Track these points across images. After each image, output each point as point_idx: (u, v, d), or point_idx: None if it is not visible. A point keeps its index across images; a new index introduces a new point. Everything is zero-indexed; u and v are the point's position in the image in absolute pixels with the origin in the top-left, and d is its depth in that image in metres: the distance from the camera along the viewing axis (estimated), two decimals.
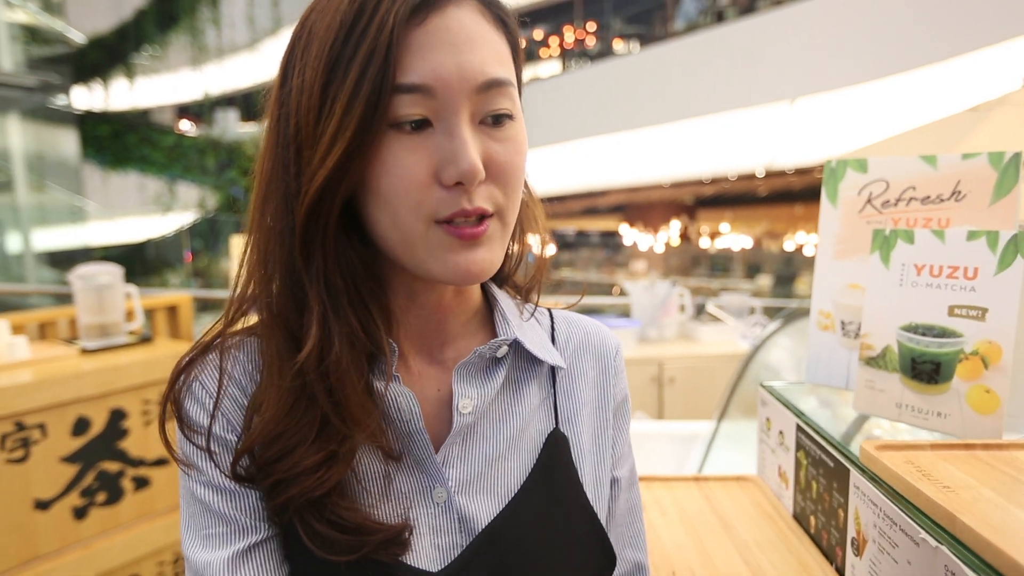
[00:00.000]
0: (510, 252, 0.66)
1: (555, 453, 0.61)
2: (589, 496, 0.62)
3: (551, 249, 0.71)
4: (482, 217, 0.52)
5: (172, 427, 0.55)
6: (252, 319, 0.58)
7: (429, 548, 0.55)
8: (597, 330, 0.71)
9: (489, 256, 0.53)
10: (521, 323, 0.64)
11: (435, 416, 0.59)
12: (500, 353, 0.60)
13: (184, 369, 0.55)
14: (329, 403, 0.51)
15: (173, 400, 0.55)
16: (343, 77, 0.47)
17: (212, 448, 0.53)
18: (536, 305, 0.68)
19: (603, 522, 0.63)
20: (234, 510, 0.53)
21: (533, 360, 0.63)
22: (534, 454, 0.61)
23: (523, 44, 0.59)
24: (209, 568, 0.52)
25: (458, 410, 0.57)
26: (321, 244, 0.51)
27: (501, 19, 0.54)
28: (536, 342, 0.63)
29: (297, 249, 0.51)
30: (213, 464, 0.53)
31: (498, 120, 0.52)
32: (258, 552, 0.53)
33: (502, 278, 0.68)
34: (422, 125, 0.50)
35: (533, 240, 0.67)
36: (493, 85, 0.51)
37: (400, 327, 0.59)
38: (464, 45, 0.50)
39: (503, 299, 0.65)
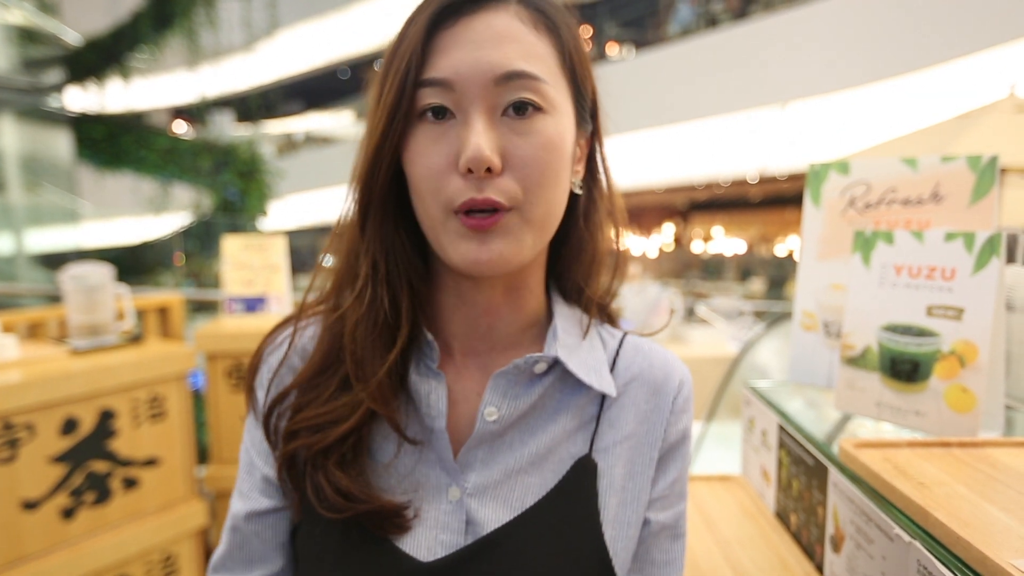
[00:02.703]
0: (583, 260, 0.64)
1: (580, 479, 0.59)
2: (608, 532, 0.59)
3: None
4: (496, 210, 0.52)
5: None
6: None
7: (432, 541, 0.56)
8: (664, 363, 0.66)
9: (502, 248, 0.53)
10: (578, 342, 0.62)
11: (469, 417, 0.60)
12: (538, 369, 0.59)
13: (262, 347, 0.65)
14: (351, 361, 0.58)
15: (249, 372, 0.64)
16: (387, 79, 0.54)
17: (259, 412, 0.62)
18: (591, 320, 0.65)
19: (622, 563, 0.60)
20: (254, 474, 0.63)
21: (580, 382, 0.61)
22: (559, 475, 0.59)
23: (579, 46, 0.59)
24: (229, 514, 0.64)
25: (482, 416, 0.58)
26: (372, 226, 0.58)
27: (545, 23, 0.55)
28: (587, 365, 0.61)
29: (357, 228, 0.59)
30: (255, 426, 0.62)
31: (521, 110, 0.52)
32: (259, 519, 0.62)
33: (571, 288, 0.66)
34: (445, 115, 0.53)
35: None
36: (513, 77, 0.52)
37: (449, 324, 0.62)
38: (487, 43, 0.52)
39: (562, 315, 0.63)
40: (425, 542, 0.56)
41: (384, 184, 0.56)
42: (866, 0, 7.01)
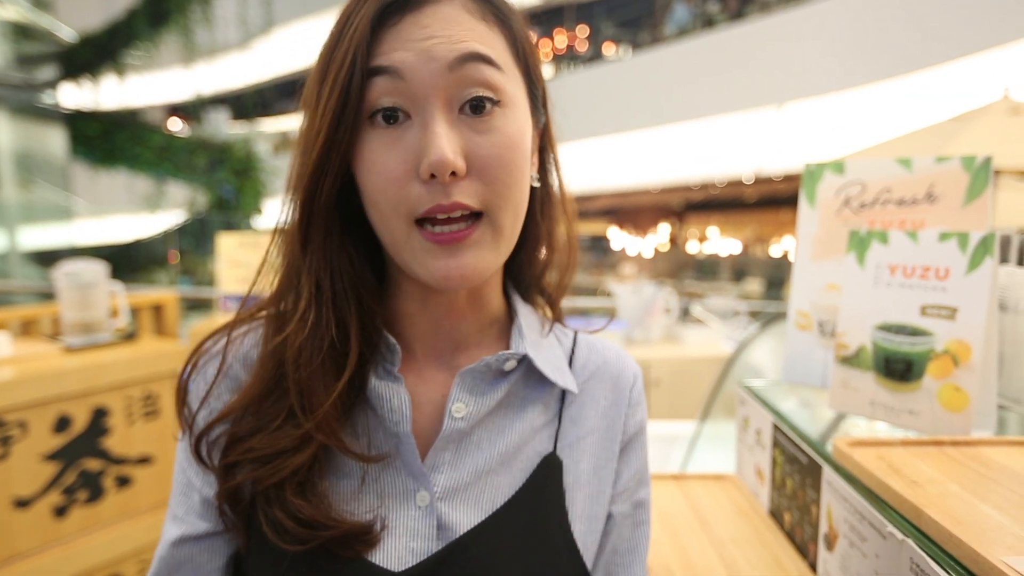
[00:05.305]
0: (535, 256, 0.65)
1: (546, 476, 0.59)
2: (577, 528, 0.59)
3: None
4: (469, 216, 0.51)
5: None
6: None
7: (403, 550, 0.54)
8: (617, 358, 0.67)
9: (474, 262, 0.52)
10: (540, 340, 0.62)
11: (435, 418, 0.59)
12: (507, 367, 0.59)
13: (194, 356, 0.59)
14: (295, 391, 0.53)
15: (180, 385, 0.58)
16: (326, 81, 0.50)
17: (195, 433, 0.56)
18: (554, 322, 0.66)
19: (590, 557, 0.60)
20: (191, 495, 0.57)
21: (543, 379, 0.61)
22: (526, 473, 0.59)
23: (528, 37, 0.57)
24: (161, 541, 0.57)
25: (450, 414, 0.56)
26: (314, 241, 0.54)
27: (494, 13, 0.53)
28: (550, 362, 0.62)
29: (298, 244, 0.54)
30: (190, 446, 0.56)
31: (478, 108, 0.50)
32: (195, 543, 0.56)
33: (528, 283, 0.66)
34: (399, 119, 0.50)
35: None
36: (468, 59, 0.49)
37: (411, 329, 0.60)
38: (436, 28, 0.49)
39: (524, 313, 0.63)
40: (395, 552, 0.54)
41: (329, 197, 0.52)
42: (862, 2, 7.03)
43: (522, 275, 0.66)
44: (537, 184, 0.61)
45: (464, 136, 0.50)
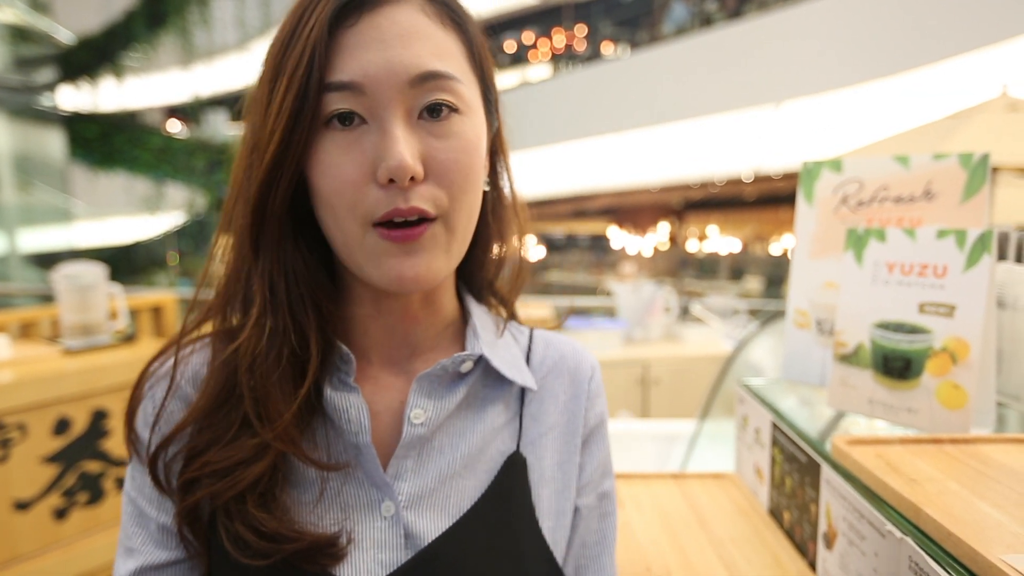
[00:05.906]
0: (491, 257, 0.65)
1: (512, 476, 0.59)
2: (545, 525, 0.59)
3: (536, 254, 0.68)
4: (422, 220, 0.50)
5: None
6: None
7: (371, 563, 0.53)
8: (574, 352, 0.67)
9: (428, 262, 0.51)
10: (495, 340, 0.62)
11: (393, 427, 0.58)
12: (464, 368, 0.58)
13: (141, 381, 0.57)
14: (251, 399, 0.51)
15: (128, 409, 0.57)
16: (280, 80, 0.49)
17: (144, 455, 0.55)
18: (507, 320, 0.66)
19: (560, 553, 0.60)
20: (147, 524, 0.55)
21: (502, 379, 0.61)
22: (491, 475, 0.58)
23: (483, 42, 0.57)
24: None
25: (409, 420, 0.56)
26: (267, 244, 0.52)
27: (451, 17, 0.53)
28: (507, 360, 0.61)
29: (248, 247, 0.53)
30: (141, 471, 0.55)
31: (436, 112, 0.50)
32: (161, 572, 0.55)
33: (480, 286, 0.66)
34: (355, 123, 0.49)
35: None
36: (428, 78, 0.49)
37: (365, 336, 0.59)
38: (395, 41, 0.49)
39: (478, 313, 0.63)
40: (364, 565, 0.52)
41: (283, 200, 0.51)
42: (860, 0, 7.03)
43: (474, 278, 0.66)
44: (487, 188, 0.61)
45: (422, 141, 0.50)
